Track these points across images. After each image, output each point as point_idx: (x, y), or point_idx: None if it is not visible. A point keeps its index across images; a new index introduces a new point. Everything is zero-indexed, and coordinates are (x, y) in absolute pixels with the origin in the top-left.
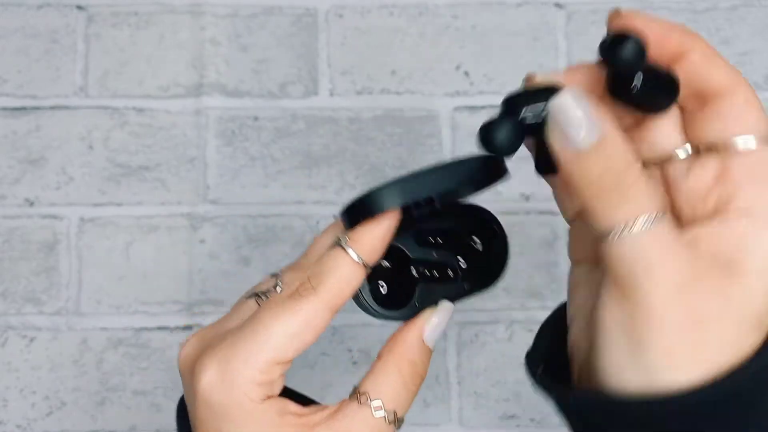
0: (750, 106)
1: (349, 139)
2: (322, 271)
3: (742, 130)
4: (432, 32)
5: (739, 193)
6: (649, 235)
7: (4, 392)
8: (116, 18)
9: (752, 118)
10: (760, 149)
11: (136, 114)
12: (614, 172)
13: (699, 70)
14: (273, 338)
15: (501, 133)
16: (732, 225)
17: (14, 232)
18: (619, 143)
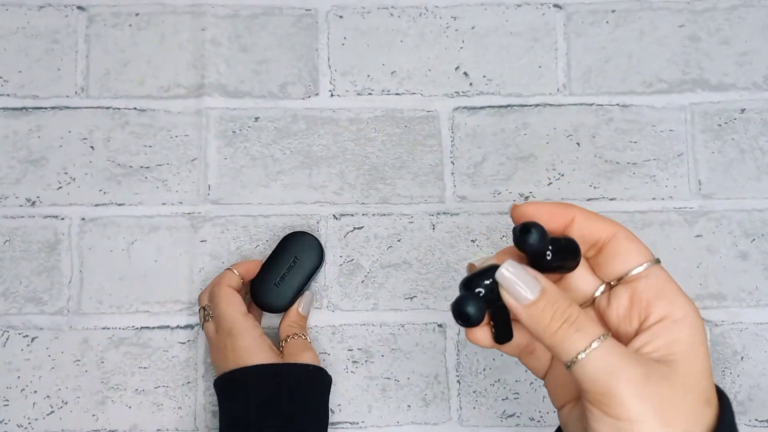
0: (631, 242)
1: (349, 140)
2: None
3: (633, 262)
4: (432, 33)
5: (652, 308)
6: (604, 351)
7: (5, 392)
8: (117, 18)
9: (635, 250)
10: (652, 271)
11: (137, 114)
12: (561, 311)
13: (584, 228)
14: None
15: (470, 308)
16: (656, 332)
17: (15, 231)
18: (556, 291)
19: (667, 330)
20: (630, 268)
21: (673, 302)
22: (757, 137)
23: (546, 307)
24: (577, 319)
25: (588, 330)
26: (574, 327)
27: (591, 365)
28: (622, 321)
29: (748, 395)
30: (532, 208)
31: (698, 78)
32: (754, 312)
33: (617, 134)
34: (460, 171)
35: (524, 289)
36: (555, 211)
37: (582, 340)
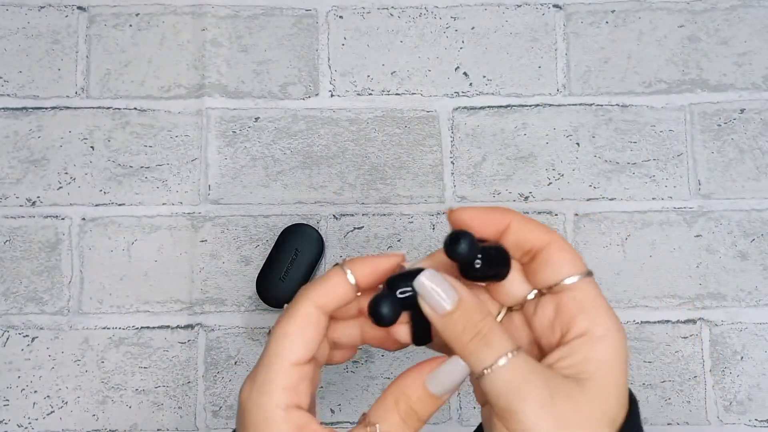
0: (563, 253)
1: (349, 140)
2: (317, 280)
3: (563, 273)
4: (431, 33)
5: (574, 322)
6: (510, 369)
7: (5, 391)
8: (117, 19)
9: (567, 261)
10: (580, 284)
11: (137, 114)
12: (472, 325)
13: (519, 235)
14: (280, 343)
15: (385, 308)
16: (574, 347)
17: (16, 231)
18: (472, 303)
19: (584, 346)
20: (559, 278)
21: (596, 319)
22: (757, 137)
23: (459, 318)
24: (488, 332)
25: (497, 345)
26: (484, 341)
27: (496, 381)
28: (545, 331)
29: (748, 395)
30: (467, 214)
31: (697, 78)
32: (754, 312)
33: (617, 134)
34: (460, 171)
35: (441, 298)
36: (490, 218)
37: (490, 355)
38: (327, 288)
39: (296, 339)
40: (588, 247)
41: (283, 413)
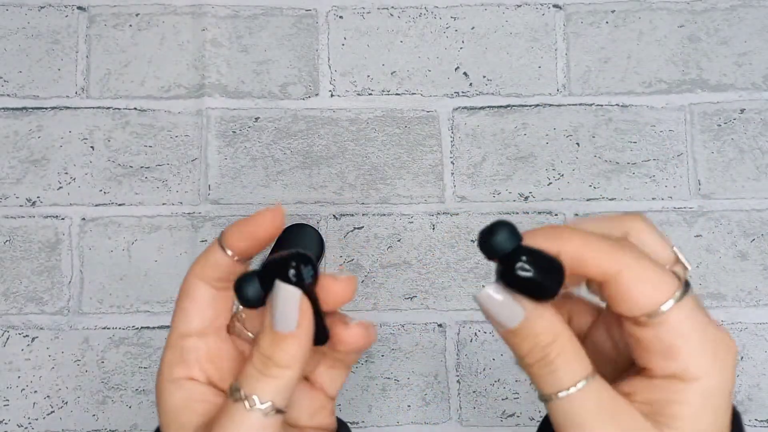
0: (640, 282)
1: (349, 140)
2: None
3: (643, 306)
4: (431, 33)
5: (657, 362)
6: (575, 401)
7: (5, 391)
8: (117, 19)
9: (646, 292)
10: (668, 316)
11: (137, 114)
12: (540, 347)
13: (575, 265)
14: (172, 320)
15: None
16: (657, 386)
17: (16, 231)
18: (542, 321)
19: (670, 388)
20: (637, 314)
21: (685, 359)
22: (757, 137)
23: (525, 339)
24: (555, 358)
25: (564, 373)
26: (549, 368)
27: (559, 411)
28: (629, 353)
29: (748, 395)
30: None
31: (697, 78)
32: (754, 312)
33: (617, 134)
34: (460, 171)
35: (504, 314)
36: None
37: (554, 384)
38: (204, 258)
39: (180, 312)
40: None
41: (170, 386)
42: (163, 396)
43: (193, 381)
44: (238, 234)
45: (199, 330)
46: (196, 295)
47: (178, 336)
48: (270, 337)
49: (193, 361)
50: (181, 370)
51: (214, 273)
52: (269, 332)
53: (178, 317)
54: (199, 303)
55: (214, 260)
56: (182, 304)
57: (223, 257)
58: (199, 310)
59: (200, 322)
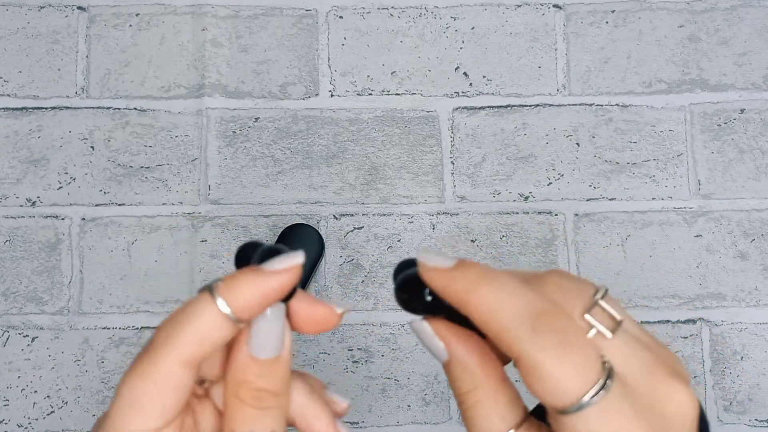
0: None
1: (349, 140)
2: (181, 318)
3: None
4: (431, 33)
5: None
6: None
7: (5, 391)
8: (118, 19)
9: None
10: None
11: (137, 114)
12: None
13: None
14: (128, 408)
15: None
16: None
17: (16, 231)
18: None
19: None
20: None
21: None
22: (757, 137)
23: (451, 377)
24: (467, 409)
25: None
26: (465, 415)
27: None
28: None
29: (748, 395)
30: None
31: (697, 78)
32: (754, 312)
33: (617, 134)
34: (460, 171)
35: (432, 349)
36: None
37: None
38: (197, 333)
39: (149, 409)
40: (588, 247)
41: None
42: None
43: None
44: (256, 296)
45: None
46: (177, 384)
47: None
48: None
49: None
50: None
51: (211, 350)
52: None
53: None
54: (179, 393)
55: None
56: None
57: (221, 325)
58: (178, 401)
59: (173, 415)
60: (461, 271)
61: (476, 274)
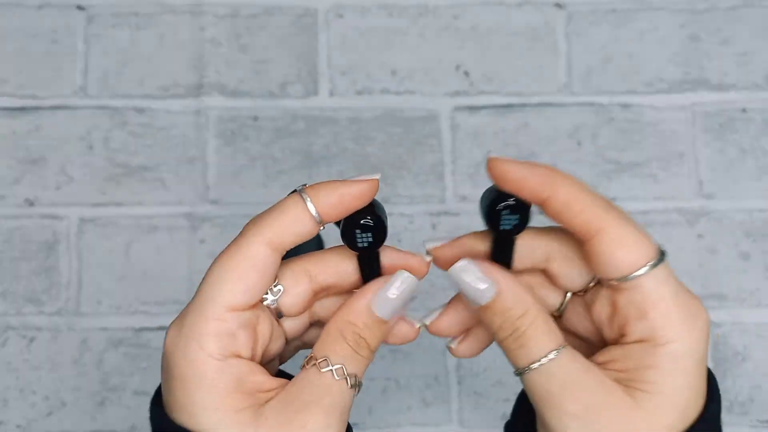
0: (620, 245)
1: (349, 139)
2: (270, 211)
3: (619, 269)
4: (432, 32)
5: (631, 326)
6: (545, 373)
7: (4, 392)
8: (116, 18)
9: (624, 255)
10: (642, 281)
11: (136, 114)
12: (511, 321)
13: (562, 215)
14: (217, 282)
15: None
16: (630, 351)
17: (14, 232)
18: (512, 295)
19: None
20: (613, 276)
21: (659, 323)
22: (758, 137)
23: (496, 313)
24: (526, 330)
25: (534, 345)
26: (518, 342)
27: (531, 384)
28: (604, 325)
29: (750, 396)
30: (515, 171)
31: (699, 78)
32: (756, 312)
33: (618, 134)
34: (461, 171)
35: (477, 291)
36: (536, 185)
37: (526, 356)
38: (283, 222)
39: (237, 283)
40: None
41: (218, 363)
42: (208, 376)
43: (240, 359)
44: (334, 198)
45: (251, 303)
46: (263, 262)
47: (228, 306)
48: (368, 320)
49: (245, 337)
50: (231, 346)
51: (294, 240)
52: (368, 315)
53: (233, 285)
54: (264, 272)
55: (300, 224)
56: (241, 270)
57: (306, 222)
58: (264, 280)
59: (256, 294)
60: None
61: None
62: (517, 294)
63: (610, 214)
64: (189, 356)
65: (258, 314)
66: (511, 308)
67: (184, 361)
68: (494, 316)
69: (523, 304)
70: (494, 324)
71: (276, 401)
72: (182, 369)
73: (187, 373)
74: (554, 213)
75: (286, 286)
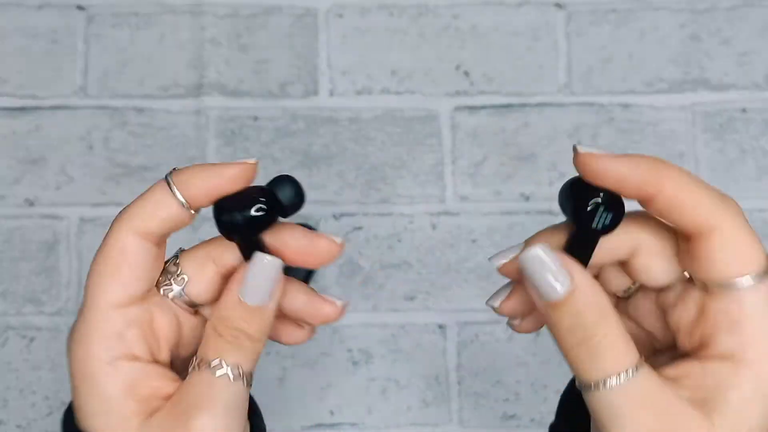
0: (732, 247)
1: (349, 139)
2: (136, 199)
3: (726, 273)
4: (432, 32)
5: (718, 337)
6: (622, 392)
7: (4, 392)
8: (116, 18)
9: (734, 258)
10: (744, 292)
11: (136, 114)
12: (583, 326)
13: (673, 213)
14: (94, 280)
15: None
16: (710, 368)
17: (14, 232)
18: (589, 296)
19: (723, 371)
20: (717, 279)
21: (749, 341)
22: (758, 137)
23: (566, 315)
24: (600, 342)
25: (609, 361)
26: (590, 353)
27: (598, 402)
28: (683, 329)
29: None
30: (615, 169)
31: (699, 78)
32: None
33: (618, 134)
34: (461, 171)
35: (550, 283)
36: (641, 183)
37: (598, 371)
38: (148, 209)
39: (112, 278)
40: None
41: (106, 367)
42: (97, 382)
43: (135, 362)
44: (201, 182)
45: (138, 296)
46: (133, 253)
47: (110, 305)
48: (240, 311)
49: (135, 336)
50: (119, 347)
51: (162, 226)
52: (238, 305)
53: (109, 281)
54: (137, 263)
55: (165, 210)
56: (113, 265)
57: (177, 207)
58: (138, 271)
59: (139, 287)
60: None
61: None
62: (595, 295)
63: (727, 211)
64: (78, 360)
65: (150, 309)
66: (586, 310)
67: (74, 365)
68: (564, 316)
69: (600, 309)
70: (562, 325)
71: (164, 408)
72: (74, 372)
73: (78, 377)
74: (660, 210)
75: (190, 274)
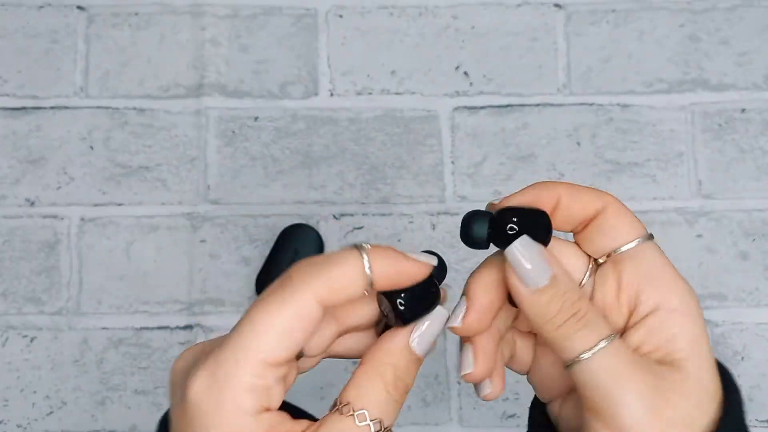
0: (620, 217)
1: (349, 139)
2: (324, 261)
3: (621, 238)
4: (432, 33)
5: (641, 294)
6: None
7: (4, 392)
8: (117, 18)
9: (624, 225)
10: (642, 249)
11: (136, 114)
12: (570, 304)
13: (570, 209)
14: (260, 336)
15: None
16: (651, 325)
17: (15, 232)
18: (569, 280)
19: (663, 323)
20: (615, 245)
21: (668, 287)
22: (757, 137)
23: (554, 297)
24: (585, 314)
25: (596, 328)
26: (582, 323)
27: (594, 368)
28: (610, 309)
29: (749, 395)
30: (512, 202)
31: (698, 78)
32: (755, 312)
33: (617, 134)
34: (460, 171)
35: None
36: (538, 198)
37: (588, 339)
38: (338, 281)
39: (282, 338)
40: None
41: (251, 419)
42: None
43: (272, 411)
44: (395, 270)
45: (292, 357)
46: (311, 322)
47: (267, 362)
48: (407, 360)
49: (281, 392)
50: (265, 400)
51: (342, 299)
52: (407, 353)
53: (274, 338)
54: (310, 331)
55: (354, 289)
56: (284, 326)
57: (360, 283)
58: (305, 337)
59: (297, 350)
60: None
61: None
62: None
63: (608, 196)
64: (223, 411)
65: (292, 365)
66: (570, 291)
67: (216, 415)
68: (551, 300)
69: (576, 286)
70: (550, 308)
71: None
72: (212, 421)
73: (220, 426)
74: (564, 210)
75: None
